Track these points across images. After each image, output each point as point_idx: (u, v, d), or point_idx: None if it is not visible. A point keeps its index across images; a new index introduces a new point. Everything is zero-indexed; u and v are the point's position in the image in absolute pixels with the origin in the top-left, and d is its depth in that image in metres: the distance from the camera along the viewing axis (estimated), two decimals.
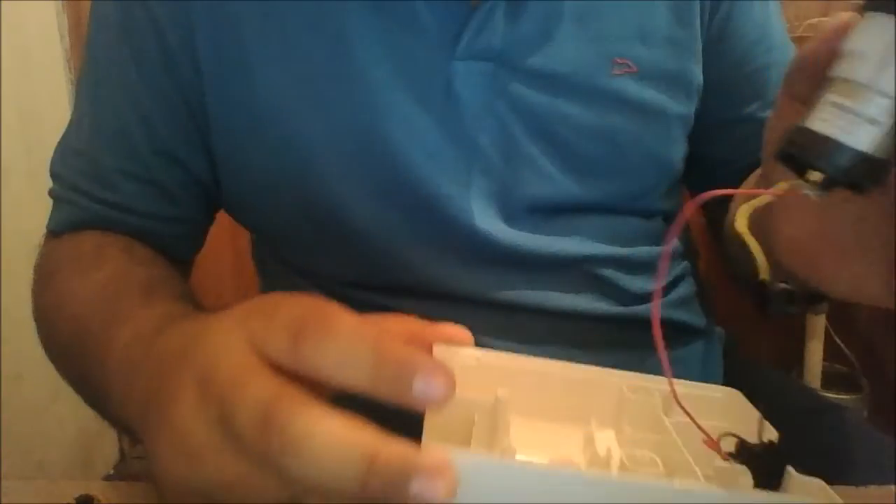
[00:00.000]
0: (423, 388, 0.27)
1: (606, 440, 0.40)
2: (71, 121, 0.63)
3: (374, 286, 0.62)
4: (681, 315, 0.67)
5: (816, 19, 1.48)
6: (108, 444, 1.92)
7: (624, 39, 0.60)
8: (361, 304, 0.63)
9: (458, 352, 0.37)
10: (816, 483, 0.34)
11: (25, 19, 1.58)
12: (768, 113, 0.67)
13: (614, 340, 0.62)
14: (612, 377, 0.41)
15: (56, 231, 0.61)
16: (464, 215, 0.58)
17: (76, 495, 0.46)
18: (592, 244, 0.62)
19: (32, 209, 1.58)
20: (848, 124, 0.31)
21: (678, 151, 0.65)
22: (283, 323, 0.30)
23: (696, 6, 0.62)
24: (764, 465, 0.35)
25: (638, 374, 0.41)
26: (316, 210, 0.59)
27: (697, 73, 0.63)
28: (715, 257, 0.73)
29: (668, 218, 0.67)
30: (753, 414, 0.38)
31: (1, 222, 1.46)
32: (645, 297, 0.64)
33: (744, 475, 0.34)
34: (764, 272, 0.35)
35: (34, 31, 1.62)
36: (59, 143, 0.63)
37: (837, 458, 0.63)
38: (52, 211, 0.62)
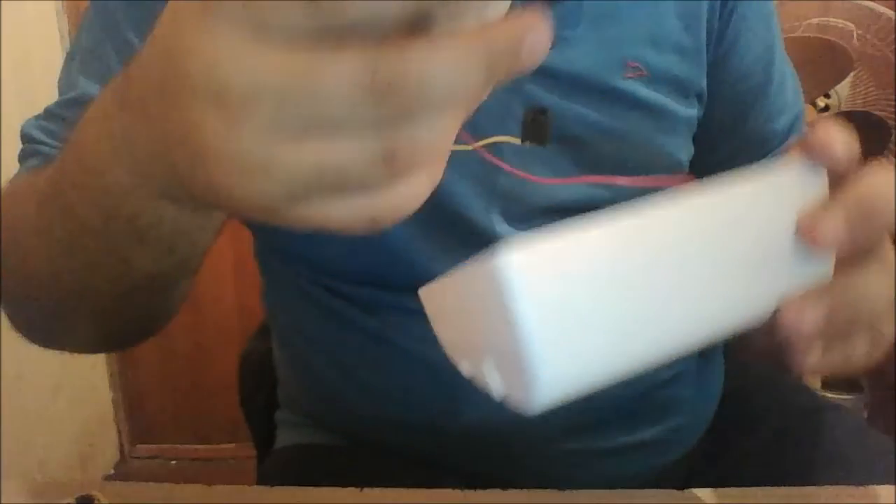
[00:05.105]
0: None
1: None
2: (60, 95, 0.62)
3: (380, 283, 0.62)
4: None
5: (816, 19, 1.48)
6: (108, 444, 1.92)
7: (637, 43, 0.60)
8: (367, 302, 0.64)
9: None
10: None
11: (25, 19, 1.58)
12: (764, 126, 0.68)
13: None
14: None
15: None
16: (476, 215, 0.58)
17: (76, 495, 0.46)
18: None
19: None
20: None
21: (685, 152, 0.65)
22: None
23: (703, 17, 0.63)
24: None
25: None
26: None
27: (701, 81, 0.64)
28: None
29: None
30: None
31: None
32: None
33: None
34: None
35: (34, 31, 1.62)
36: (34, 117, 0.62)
37: (837, 458, 0.63)
38: (18, 171, 0.58)
